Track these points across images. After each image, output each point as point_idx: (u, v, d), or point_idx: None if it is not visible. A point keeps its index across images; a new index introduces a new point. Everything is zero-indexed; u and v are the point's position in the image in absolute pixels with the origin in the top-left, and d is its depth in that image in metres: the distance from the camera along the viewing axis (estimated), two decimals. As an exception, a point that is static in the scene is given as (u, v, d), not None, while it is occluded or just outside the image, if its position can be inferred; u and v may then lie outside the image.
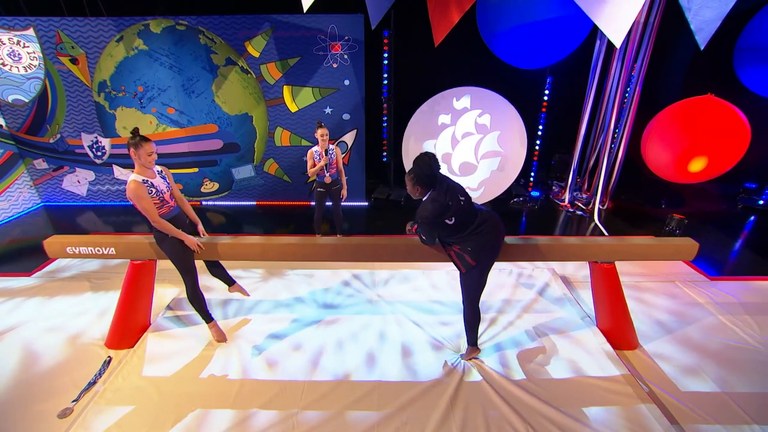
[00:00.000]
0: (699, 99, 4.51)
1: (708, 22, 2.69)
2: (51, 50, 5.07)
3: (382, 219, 5.58)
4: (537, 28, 4.43)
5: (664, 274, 3.95)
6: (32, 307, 3.45)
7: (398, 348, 2.94)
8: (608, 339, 2.93)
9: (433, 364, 2.78)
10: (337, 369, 2.74)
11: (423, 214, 2.32)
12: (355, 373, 2.71)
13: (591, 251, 2.73)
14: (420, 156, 2.30)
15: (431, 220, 2.33)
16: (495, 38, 4.87)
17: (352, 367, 2.76)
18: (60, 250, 2.73)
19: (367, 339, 3.04)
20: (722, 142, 4.32)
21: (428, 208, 2.29)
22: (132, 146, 2.40)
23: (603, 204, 5.68)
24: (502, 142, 5.32)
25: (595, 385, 2.57)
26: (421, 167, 2.27)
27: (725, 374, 2.70)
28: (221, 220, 5.61)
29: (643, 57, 4.85)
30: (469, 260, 2.44)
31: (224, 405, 2.44)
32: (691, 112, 4.46)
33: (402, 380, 2.65)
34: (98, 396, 2.47)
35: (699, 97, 4.52)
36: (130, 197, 2.41)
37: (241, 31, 5.01)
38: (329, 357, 2.85)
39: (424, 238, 2.50)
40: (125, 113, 5.40)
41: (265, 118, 5.50)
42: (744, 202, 5.91)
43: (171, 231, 2.54)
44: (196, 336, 3.05)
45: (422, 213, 2.32)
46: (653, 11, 4.56)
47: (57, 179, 5.88)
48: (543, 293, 3.63)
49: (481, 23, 4.93)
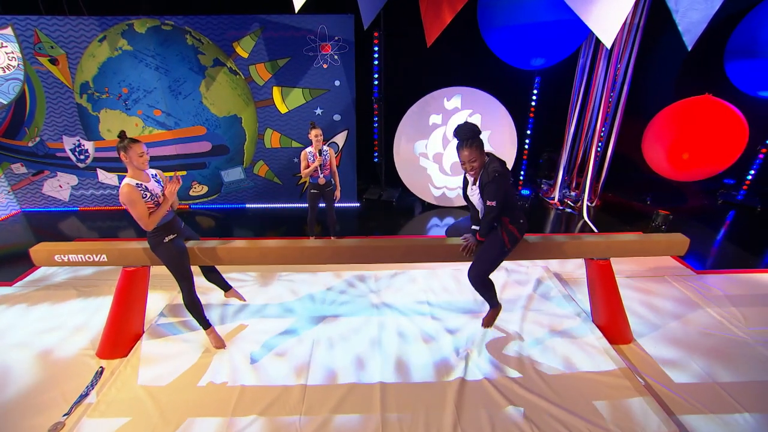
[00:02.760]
0: (697, 99, 4.64)
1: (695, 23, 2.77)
2: (28, 50, 4.88)
3: (373, 220, 5.57)
4: (538, 29, 4.48)
5: (652, 269, 4.05)
6: (16, 318, 3.31)
7: (399, 349, 2.94)
8: (604, 334, 2.99)
9: (435, 364, 2.78)
10: (337, 372, 2.72)
11: (497, 191, 2.24)
12: (355, 375, 2.69)
13: (587, 249, 2.78)
14: (464, 124, 2.24)
15: (505, 192, 2.29)
16: (495, 38, 4.89)
17: (352, 370, 2.74)
18: (48, 258, 2.63)
19: (367, 340, 3.03)
20: (723, 140, 4.45)
21: (499, 183, 2.23)
22: (121, 150, 2.33)
23: (591, 201, 5.80)
24: (492, 142, 5.37)
25: (595, 380, 2.62)
26: (475, 131, 2.23)
27: (715, 365, 2.78)
28: (211, 223, 5.51)
29: (629, 57, 4.97)
30: (516, 233, 2.43)
31: (224, 413, 2.39)
32: (691, 112, 4.59)
33: (404, 381, 2.64)
34: (91, 409, 2.38)
35: (697, 97, 4.65)
36: (123, 202, 2.34)
37: (229, 32, 4.93)
38: (330, 360, 2.83)
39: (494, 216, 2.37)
40: (109, 115, 5.25)
41: (254, 119, 5.42)
42: (724, 197, 6.11)
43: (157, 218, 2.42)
44: (191, 342, 2.98)
45: (495, 190, 2.24)
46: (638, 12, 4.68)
47: (36, 184, 5.67)
48: (537, 290, 3.68)
49: (482, 22, 4.95)
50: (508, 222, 2.45)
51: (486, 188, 2.31)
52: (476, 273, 2.61)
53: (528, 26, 4.50)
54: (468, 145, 2.27)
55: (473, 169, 2.34)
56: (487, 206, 2.34)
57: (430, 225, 5.40)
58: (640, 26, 4.77)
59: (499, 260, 2.59)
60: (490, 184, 2.29)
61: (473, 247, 2.60)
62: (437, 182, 5.68)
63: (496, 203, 2.30)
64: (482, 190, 2.35)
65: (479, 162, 2.31)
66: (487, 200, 2.32)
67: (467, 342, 2.98)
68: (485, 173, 2.31)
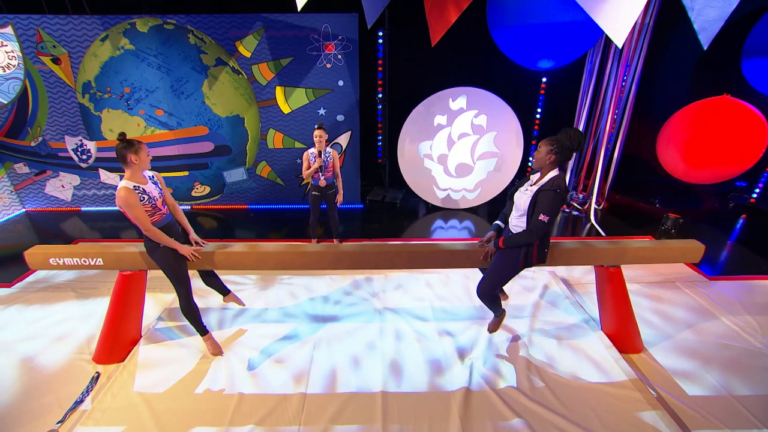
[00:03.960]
0: (715, 100, 4.50)
1: (711, 21, 2.66)
2: (31, 49, 4.86)
3: (377, 221, 5.50)
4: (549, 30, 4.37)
5: (663, 275, 3.94)
6: (12, 321, 3.26)
7: (402, 356, 2.85)
8: (614, 343, 2.89)
9: (439, 373, 2.70)
10: (338, 379, 2.64)
11: (554, 206, 2.20)
12: (356, 383, 2.61)
13: (597, 255, 2.68)
14: (575, 130, 2.18)
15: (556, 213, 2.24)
16: (504, 37, 4.79)
17: (353, 378, 2.66)
18: (43, 261, 2.57)
19: (368, 347, 2.95)
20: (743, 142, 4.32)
21: (557, 199, 2.18)
22: (133, 152, 2.26)
23: (599, 204, 5.68)
24: (498, 143, 5.27)
25: (604, 391, 2.52)
26: (572, 140, 2.17)
27: (731, 377, 2.68)
28: (212, 224, 5.46)
29: (639, 57, 4.85)
30: (534, 259, 2.38)
31: (221, 423, 2.32)
32: (709, 113, 4.45)
33: (407, 390, 2.56)
34: (86, 416, 2.32)
35: (715, 98, 4.52)
36: (120, 205, 2.26)
37: (231, 31, 4.87)
38: (330, 367, 2.75)
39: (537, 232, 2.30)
40: (111, 115, 5.21)
41: (257, 119, 5.36)
42: (736, 200, 5.97)
43: (163, 240, 2.40)
44: (189, 348, 2.91)
45: (552, 204, 2.19)
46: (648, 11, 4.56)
47: (39, 184, 5.65)
48: (544, 296, 3.58)
49: (491, 20, 4.85)
50: (536, 245, 2.38)
51: (541, 197, 2.24)
52: (485, 290, 2.58)
53: (539, 26, 4.39)
54: (551, 141, 2.23)
55: (536, 161, 2.30)
56: (538, 219, 2.26)
57: (434, 227, 5.32)
58: (650, 26, 4.65)
59: (509, 278, 2.56)
60: (548, 192, 2.21)
61: (491, 253, 2.54)
62: (442, 184, 5.59)
63: (548, 219, 2.24)
64: (537, 195, 2.27)
65: (547, 162, 2.26)
66: (540, 213, 2.24)
67: (472, 350, 2.90)
68: (549, 183, 2.24)
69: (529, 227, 2.32)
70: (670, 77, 6.07)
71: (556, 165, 2.26)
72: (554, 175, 2.26)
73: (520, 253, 2.40)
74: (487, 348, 2.91)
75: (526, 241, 2.35)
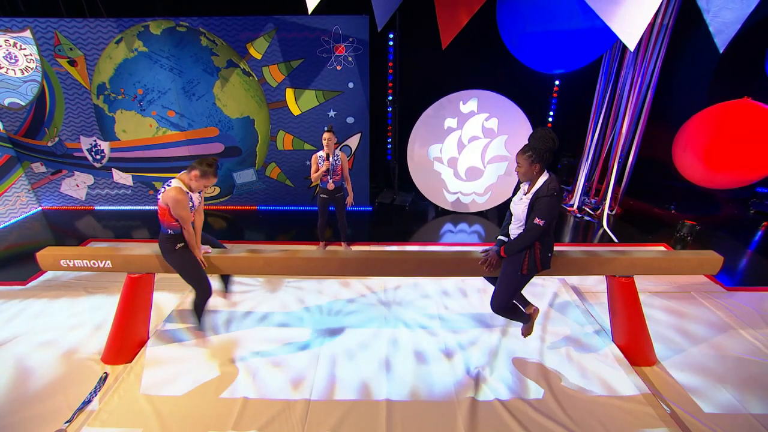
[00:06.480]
0: (736, 102, 4.35)
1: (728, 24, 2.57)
2: (49, 52, 4.96)
3: (386, 225, 5.47)
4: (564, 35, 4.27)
5: (678, 285, 3.82)
6: (25, 320, 3.33)
7: (408, 364, 2.83)
8: (625, 355, 2.81)
9: (445, 382, 2.66)
10: (343, 386, 2.63)
11: (550, 210, 2.16)
12: (361, 390, 2.59)
13: (609, 265, 2.61)
14: (541, 129, 2.15)
15: (553, 215, 2.21)
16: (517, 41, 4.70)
17: (357, 385, 2.64)
18: (53, 263, 2.62)
19: (374, 354, 2.92)
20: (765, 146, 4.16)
21: (553, 203, 2.14)
22: (201, 173, 2.45)
23: (612, 209, 5.56)
24: (509, 147, 5.20)
25: (614, 405, 2.45)
26: (544, 141, 2.13)
27: (748, 393, 2.58)
28: (222, 225, 5.50)
29: (656, 60, 4.73)
30: (538, 263, 2.33)
31: (225, 427, 2.32)
32: (730, 116, 4.30)
33: (412, 399, 2.53)
34: (93, 417, 2.35)
35: (735, 101, 4.37)
36: (167, 201, 2.42)
37: (243, 33, 4.90)
38: (335, 373, 2.73)
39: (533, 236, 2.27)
40: (125, 116, 5.29)
41: (267, 121, 5.38)
42: (756, 207, 5.78)
43: (192, 239, 2.58)
44: (196, 349, 2.93)
45: (549, 209, 2.16)
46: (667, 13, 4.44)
47: (55, 183, 5.77)
48: (554, 305, 3.51)
49: (501, 25, 4.77)
50: (538, 248, 2.33)
51: (538, 203, 2.21)
52: (499, 303, 2.52)
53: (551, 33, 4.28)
54: (524, 151, 2.22)
55: (523, 176, 2.28)
56: (533, 223, 2.23)
57: (443, 231, 5.27)
58: (668, 27, 4.52)
59: (520, 287, 2.49)
60: (544, 198, 2.18)
61: (494, 262, 2.50)
62: (451, 187, 5.53)
63: (543, 223, 2.20)
64: (534, 203, 2.25)
65: (532, 173, 2.24)
66: (536, 216, 2.21)
67: (479, 359, 2.85)
68: (544, 188, 2.21)
69: (524, 230, 2.32)
70: (688, 79, 5.90)
71: (543, 170, 2.24)
72: (546, 179, 2.23)
73: (521, 259, 2.36)
74: (494, 358, 2.86)
75: (523, 244, 2.32)
